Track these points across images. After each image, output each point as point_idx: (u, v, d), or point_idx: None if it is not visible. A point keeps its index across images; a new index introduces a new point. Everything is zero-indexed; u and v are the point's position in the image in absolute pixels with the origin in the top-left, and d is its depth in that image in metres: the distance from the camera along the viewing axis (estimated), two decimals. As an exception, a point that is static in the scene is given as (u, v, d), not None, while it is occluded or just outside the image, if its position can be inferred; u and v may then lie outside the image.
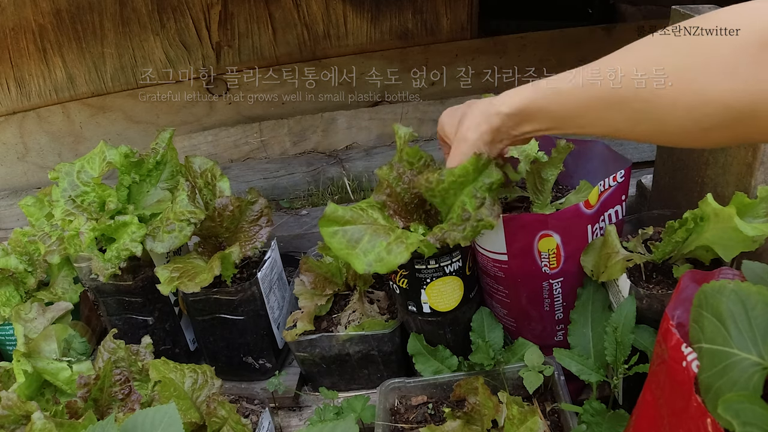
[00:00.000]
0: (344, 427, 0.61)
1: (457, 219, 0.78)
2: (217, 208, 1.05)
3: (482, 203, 0.76)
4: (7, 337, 1.15)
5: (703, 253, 0.85)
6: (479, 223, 0.76)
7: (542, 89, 0.63)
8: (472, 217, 0.76)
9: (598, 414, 0.83)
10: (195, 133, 1.97)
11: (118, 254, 1.02)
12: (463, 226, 0.76)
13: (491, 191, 0.77)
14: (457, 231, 0.76)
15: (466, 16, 1.96)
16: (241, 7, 1.86)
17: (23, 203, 1.25)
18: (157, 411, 0.63)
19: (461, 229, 0.76)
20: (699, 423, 0.46)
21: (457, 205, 0.79)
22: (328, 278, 1.11)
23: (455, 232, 0.76)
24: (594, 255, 0.90)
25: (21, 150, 1.99)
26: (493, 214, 0.76)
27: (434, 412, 0.96)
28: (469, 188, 0.77)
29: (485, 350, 0.94)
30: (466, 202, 0.77)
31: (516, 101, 0.66)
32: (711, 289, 0.51)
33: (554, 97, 0.62)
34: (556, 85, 0.61)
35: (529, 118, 0.66)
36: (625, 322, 0.83)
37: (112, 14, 1.81)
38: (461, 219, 0.77)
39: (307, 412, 1.10)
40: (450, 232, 0.77)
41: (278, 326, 1.14)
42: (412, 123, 1.99)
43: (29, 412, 0.76)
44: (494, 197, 0.77)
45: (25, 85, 1.90)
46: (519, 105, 0.66)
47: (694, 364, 0.50)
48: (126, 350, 0.93)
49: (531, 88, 0.65)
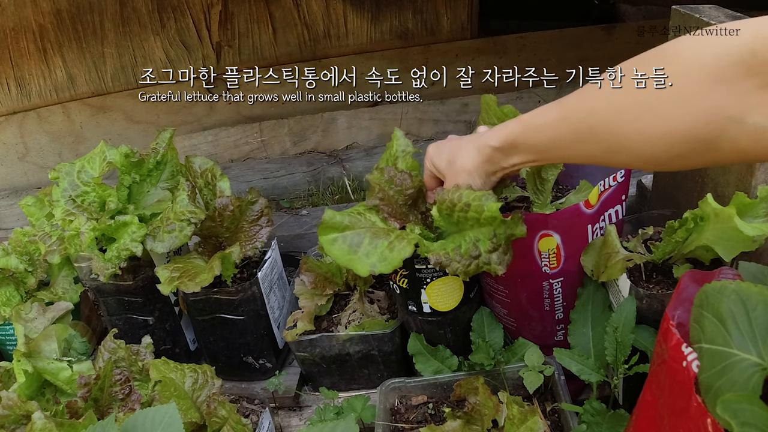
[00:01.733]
0: (344, 426, 0.61)
1: (465, 252, 0.75)
2: (217, 208, 1.05)
3: (496, 249, 0.74)
4: (7, 337, 1.15)
5: (703, 253, 0.85)
6: (485, 266, 0.74)
7: (524, 123, 0.67)
8: (482, 258, 0.74)
9: (599, 414, 0.83)
10: (195, 133, 1.97)
11: (119, 254, 1.02)
12: (469, 262, 0.74)
13: (507, 242, 0.75)
14: (461, 264, 0.75)
15: (467, 16, 1.96)
16: (242, 7, 1.86)
17: (23, 203, 1.25)
18: (158, 411, 0.63)
19: (466, 263, 0.75)
20: (699, 423, 0.46)
21: (470, 237, 0.76)
22: (329, 278, 1.11)
23: (458, 264, 0.75)
24: (594, 255, 0.90)
25: (21, 150, 1.99)
26: (502, 263, 0.74)
27: (434, 412, 0.96)
28: (488, 228, 0.75)
29: (485, 350, 0.94)
30: (480, 240, 0.75)
31: (501, 135, 0.70)
32: (712, 289, 0.51)
33: (534, 131, 0.66)
34: (536, 120, 0.65)
35: (515, 150, 0.69)
36: (625, 322, 0.83)
37: (112, 14, 1.81)
38: (469, 255, 0.74)
39: (307, 412, 1.10)
40: (453, 262, 0.75)
41: (278, 326, 1.14)
42: (412, 123, 1.99)
43: (29, 411, 0.76)
44: (508, 247, 0.75)
45: (25, 85, 1.90)
46: (504, 139, 0.70)
47: (694, 364, 0.50)
48: (126, 350, 0.93)
49: (514, 123, 0.69)
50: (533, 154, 0.68)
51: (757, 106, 0.46)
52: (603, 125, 0.56)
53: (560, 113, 0.62)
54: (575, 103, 0.60)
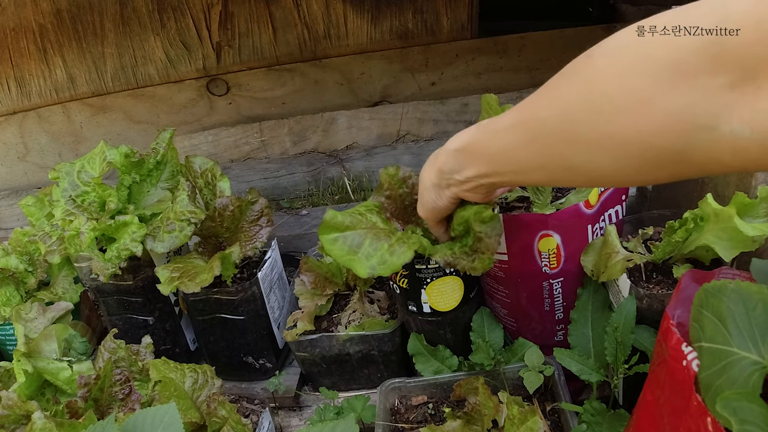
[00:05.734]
0: (344, 426, 0.61)
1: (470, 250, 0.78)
2: (217, 208, 1.05)
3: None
4: (7, 337, 1.15)
5: (703, 253, 0.85)
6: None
7: (482, 128, 0.60)
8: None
9: (599, 414, 0.83)
10: (195, 133, 1.97)
11: (119, 254, 1.02)
12: (473, 257, 0.77)
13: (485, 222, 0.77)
14: (467, 261, 0.77)
15: (467, 16, 1.96)
16: (242, 6, 1.86)
17: (23, 203, 1.25)
18: (158, 411, 0.63)
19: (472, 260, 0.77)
20: (699, 422, 0.46)
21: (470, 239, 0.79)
22: (329, 278, 1.11)
23: (465, 261, 0.77)
24: (594, 255, 0.90)
25: (21, 150, 1.99)
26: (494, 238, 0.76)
27: (434, 412, 0.96)
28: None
29: (485, 350, 0.94)
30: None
31: (460, 139, 0.64)
32: (712, 289, 0.51)
33: (489, 137, 0.58)
34: (492, 126, 0.57)
35: (471, 157, 0.62)
36: (625, 322, 0.83)
37: (112, 14, 1.81)
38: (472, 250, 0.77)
39: (307, 412, 1.10)
40: (460, 260, 0.77)
41: (278, 326, 1.14)
42: (412, 123, 1.99)
43: (29, 411, 0.76)
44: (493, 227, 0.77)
45: (25, 85, 1.90)
46: (461, 143, 0.64)
47: (694, 363, 0.50)
48: (126, 350, 0.93)
49: (474, 128, 0.62)
50: (487, 165, 0.60)
51: (730, 108, 0.36)
52: (554, 136, 0.48)
53: (514, 118, 0.53)
54: (529, 108, 0.52)
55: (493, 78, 2.01)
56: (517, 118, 0.53)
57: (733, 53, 0.35)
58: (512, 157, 0.55)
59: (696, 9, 0.38)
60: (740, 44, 0.35)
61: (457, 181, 0.66)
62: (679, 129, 0.39)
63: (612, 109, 0.42)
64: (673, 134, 0.39)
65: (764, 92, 0.35)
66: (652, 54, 0.39)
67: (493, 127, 0.57)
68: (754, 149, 0.36)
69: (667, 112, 0.39)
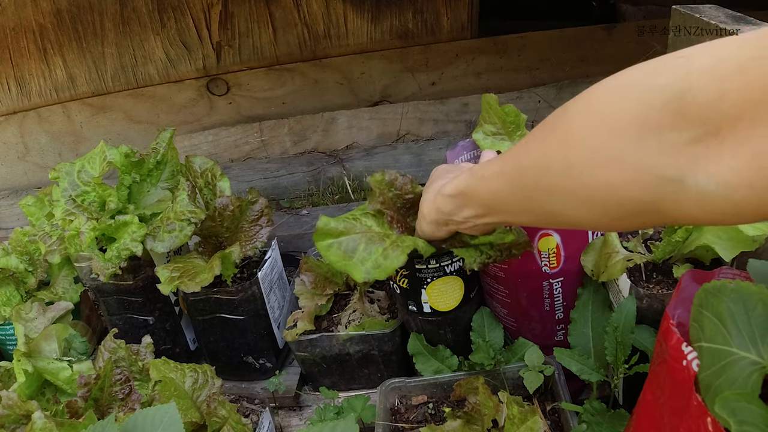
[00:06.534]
0: (344, 426, 0.61)
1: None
2: (217, 208, 1.05)
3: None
4: (7, 337, 1.15)
5: (703, 253, 0.85)
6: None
7: (475, 174, 0.63)
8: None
9: (599, 413, 0.83)
10: (195, 133, 1.97)
11: (119, 254, 1.02)
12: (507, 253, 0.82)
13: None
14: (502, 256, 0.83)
15: (467, 16, 1.96)
16: (242, 6, 1.86)
17: (24, 203, 1.25)
18: (158, 410, 0.63)
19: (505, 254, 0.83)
20: (699, 422, 0.46)
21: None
22: (329, 278, 1.11)
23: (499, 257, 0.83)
24: (594, 255, 0.90)
25: (21, 150, 1.99)
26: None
27: (434, 412, 0.96)
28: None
29: (485, 350, 0.94)
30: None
31: (455, 184, 0.67)
32: (712, 289, 0.51)
33: (481, 183, 0.61)
34: (483, 172, 0.60)
35: (466, 201, 0.65)
36: (625, 322, 0.83)
37: (112, 14, 1.81)
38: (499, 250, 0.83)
39: (307, 411, 1.10)
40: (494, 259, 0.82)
41: (278, 326, 1.14)
42: (412, 123, 1.99)
43: (29, 411, 0.76)
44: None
45: (25, 85, 1.91)
46: (457, 188, 0.66)
47: (694, 363, 0.50)
48: (126, 350, 0.93)
49: (468, 173, 0.65)
50: (481, 208, 0.63)
51: (695, 162, 0.37)
52: (535, 185, 0.50)
53: (501, 166, 0.56)
54: (515, 156, 0.54)
55: (493, 78, 2.01)
56: (504, 166, 0.56)
57: (695, 109, 0.36)
58: (501, 201, 0.58)
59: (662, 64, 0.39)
60: (702, 101, 0.36)
61: (456, 221, 0.69)
62: (648, 182, 0.40)
63: (585, 162, 0.43)
64: (642, 187, 0.40)
65: (728, 147, 0.35)
66: (622, 109, 0.40)
67: (483, 173, 0.60)
68: (720, 204, 0.37)
69: (636, 167, 0.40)
